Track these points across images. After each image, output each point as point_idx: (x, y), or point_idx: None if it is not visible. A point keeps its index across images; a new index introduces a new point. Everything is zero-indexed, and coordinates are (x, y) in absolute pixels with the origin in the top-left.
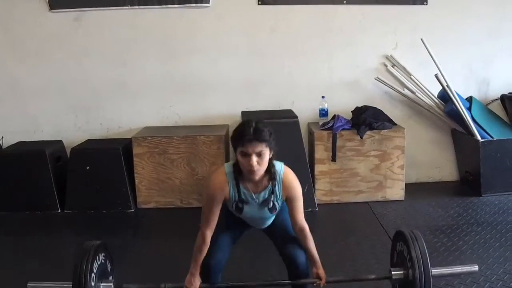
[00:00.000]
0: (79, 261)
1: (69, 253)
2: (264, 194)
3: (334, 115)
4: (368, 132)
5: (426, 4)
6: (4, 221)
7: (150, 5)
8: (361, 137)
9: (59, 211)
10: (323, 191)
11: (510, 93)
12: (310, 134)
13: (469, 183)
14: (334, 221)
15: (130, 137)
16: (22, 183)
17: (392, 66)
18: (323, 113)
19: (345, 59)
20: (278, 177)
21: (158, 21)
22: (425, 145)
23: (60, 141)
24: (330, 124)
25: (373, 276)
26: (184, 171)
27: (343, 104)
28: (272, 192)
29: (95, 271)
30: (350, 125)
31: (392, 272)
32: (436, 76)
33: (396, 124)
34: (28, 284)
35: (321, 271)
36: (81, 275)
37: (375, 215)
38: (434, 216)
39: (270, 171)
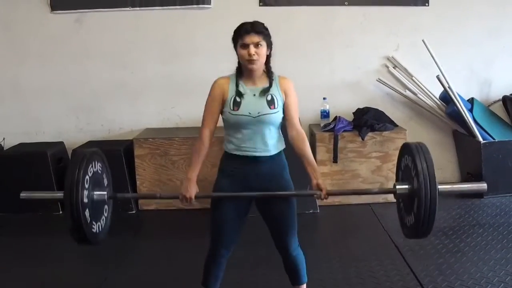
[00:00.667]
0: (71, 171)
1: (70, 255)
2: (263, 87)
3: (336, 116)
4: (370, 134)
5: (428, 6)
6: (5, 222)
7: (152, 6)
8: (363, 139)
9: (60, 212)
10: None
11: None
12: (312, 135)
13: None
14: (336, 223)
15: (131, 139)
16: (23, 184)
17: (393, 68)
18: (325, 114)
19: (347, 61)
20: (275, 76)
21: (159, 22)
22: (426, 146)
23: (61, 143)
24: (332, 126)
25: (376, 190)
26: (185, 173)
27: (344, 105)
28: (270, 85)
29: (88, 176)
30: (352, 127)
31: (397, 186)
32: (437, 77)
33: (397, 126)
34: (21, 194)
35: (321, 182)
36: (72, 185)
37: (376, 216)
38: (436, 217)
39: (268, 70)
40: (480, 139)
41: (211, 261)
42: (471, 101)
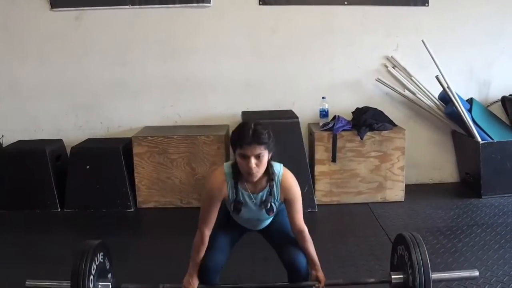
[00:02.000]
0: (77, 262)
1: (68, 252)
2: (262, 195)
3: (335, 115)
4: (369, 133)
5: (427, 6)
6: (3, 220)
7: (151, 4)
8: (362, 138)
9: (59, 210)
10: (323, 192)
11: (510, 94)
12: (311, 134)
13: (469, 184)
14: (334, 222)
15: (130, 137)
16: (22, 181)
17: (393, 67)
18: (324, 113)
19: (346, 60)
20: (276, 178)
21: (159, 21)
22: (425, 146)
23: (60, 140)
24: (331, 125)
25: (372, 280)
26: (184, 171)
27: (343, 104)
28: (270, 193)
29: (93, 271)
30: (351, 126)
31: (392, 276)
32: (436, 77)
33: (396, 125)
34: (27, 283)
35: (321, 274)
36: (79, 276)
37: (375, 216)
38: (434, 217)
39: (269, 172)
40: (479, 139)
41: (205, 274)
42: (470, 101)
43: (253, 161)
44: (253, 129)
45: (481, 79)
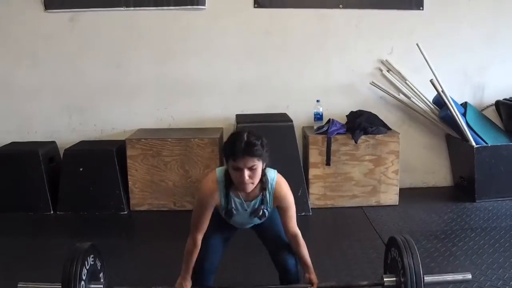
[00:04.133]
0: (67, 267)
1: (61, 255)
2: (254, 203)
3: (329, 119)
4: (363, 137)
5: (422, 9)
6: None
7: (146, 6)
8: (356, 142)
9: (52, 212)
10: (317, 195)
11: (505, 99)
12: (305, 138)
13: (463, 188)
14: (328, 226)
15: (124, 139)
16: (15, 183)
17: (387, 71)
18: (318, 117)
19: (340, 63)
20: (269, 186)
21: (153, 23)
22: (419, 150)
23: (53, 142)
24: (325, 128)
25: (365, 283)
26: (178, 174)
27: (338, 108)
28: (263, 202)
29: (84, 274)
30: (345, 130)
31: (385, 279)
32: (431, 81)
33: (390, 129)
34: (19, 285)
35: (313, 277)
36: (69, 282)
37: (368, 219)
38: (428, 221)
39: (262, 181)
40: (473, 143)
41: (201, 274)
42: (465, 105)
43: (246, 173)
44: (245, 142)
45: (476, 83)
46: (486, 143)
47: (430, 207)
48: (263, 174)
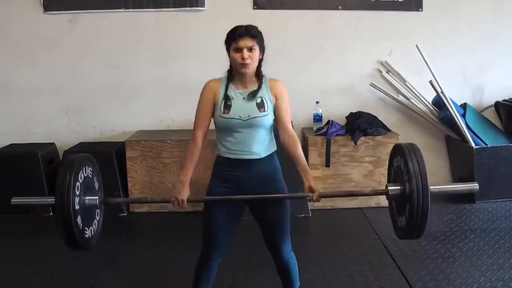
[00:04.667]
0: (63, 172)
1: (60, 256)
2: (251, 90)
3: (328, 120)
4: (362, 138)
5: (421, 11)
6: None
7: (145, 8)
8: (355, 143)
9: (51, 214)
10: None
11: (504, 100)
12: (304, 139)
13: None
14: (328, 227)
15: (123, 141)
16: (14, 185)
17: (386, 72)
18: (317, 118)
19: (340, 65)
20: (265, 79)
21: (153, 24)
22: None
23: (52, 144)
24: (324, 130)
25: (368, 190)
26: (177, 175)
27: (337, 109)
28: (259, 88)
29: (79, 182)
30: (344, 131)
31: (389, 188)
32: (430, 82)
33: (390, 130)
34: (12, 200)
35: (313, 184)
36: (63, 187)
37: (368, 221)
38: (428, 222)
39: (259, 74)
40: (473, 144)
41: (203, 265)
42: (464, 106)
43: (246, 52)
44: (245, 26)
45: (475, 84)
46: (486, 144)
47: (429, 208)
48: (260, 69)
